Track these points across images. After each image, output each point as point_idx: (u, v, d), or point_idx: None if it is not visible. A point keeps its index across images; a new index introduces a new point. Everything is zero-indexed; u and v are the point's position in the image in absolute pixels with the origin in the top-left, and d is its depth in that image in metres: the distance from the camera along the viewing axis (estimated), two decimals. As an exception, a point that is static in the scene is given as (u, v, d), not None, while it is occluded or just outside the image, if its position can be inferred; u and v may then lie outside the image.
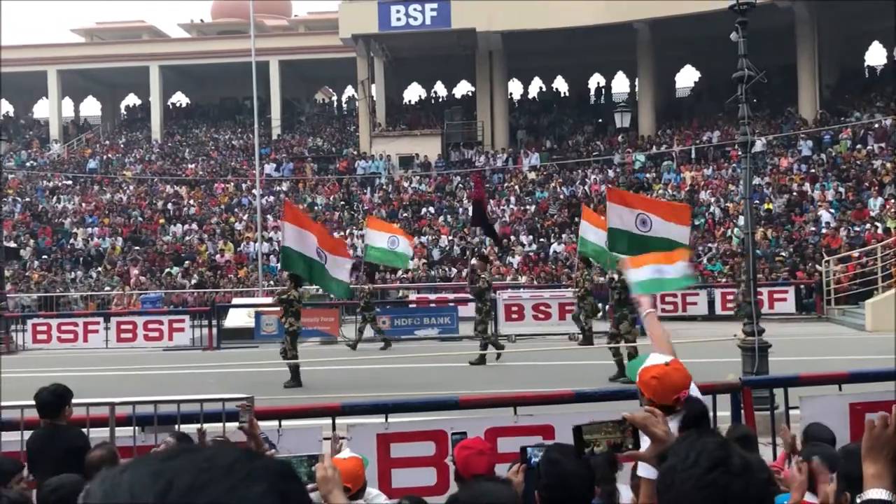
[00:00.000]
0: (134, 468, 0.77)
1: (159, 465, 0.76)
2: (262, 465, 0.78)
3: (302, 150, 36.89)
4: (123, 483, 0.75)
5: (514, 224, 29.13)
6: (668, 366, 2.91)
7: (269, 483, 0.76)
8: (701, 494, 1.42)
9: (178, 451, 0.79)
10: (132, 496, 0.73)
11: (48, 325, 20.05)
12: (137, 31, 43.94)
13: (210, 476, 0.75)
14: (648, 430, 2.21)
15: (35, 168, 37.53)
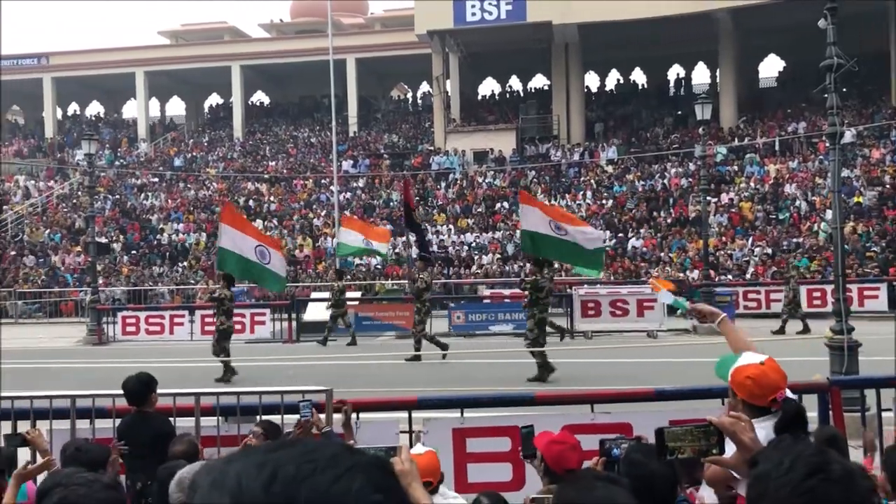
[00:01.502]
0: (239, 459, 0.79)
1: (263, 457, 0.78)
2: (362, 459, 0.80)
3: (378, 146, 37.30)
4: (230, 473, 0.77)
5: (591, 219, 28.76)
6: (764, 365, 2.81)
7: (368, 476, 0.78)
8: (798, 502, 1.36)
9: (281, 443, 0.81)
10: (239, 485, 0.75)
11: (137, 318, 20.85)
12: (220, 32, 45.18)
13: (313, 467, 0.77)
14: (736, 436, 2.14)
15: (124, 166, 39.05)
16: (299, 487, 0.75)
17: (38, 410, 5.98)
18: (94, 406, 5.94)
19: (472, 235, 28.61)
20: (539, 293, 11.89)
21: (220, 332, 13.48)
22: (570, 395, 6.65)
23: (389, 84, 46.26)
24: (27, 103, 47.60)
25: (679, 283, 22.64)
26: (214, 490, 0.76)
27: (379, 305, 20.91)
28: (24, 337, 22.11)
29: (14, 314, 26.82)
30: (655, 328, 17.76)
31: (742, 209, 27.40)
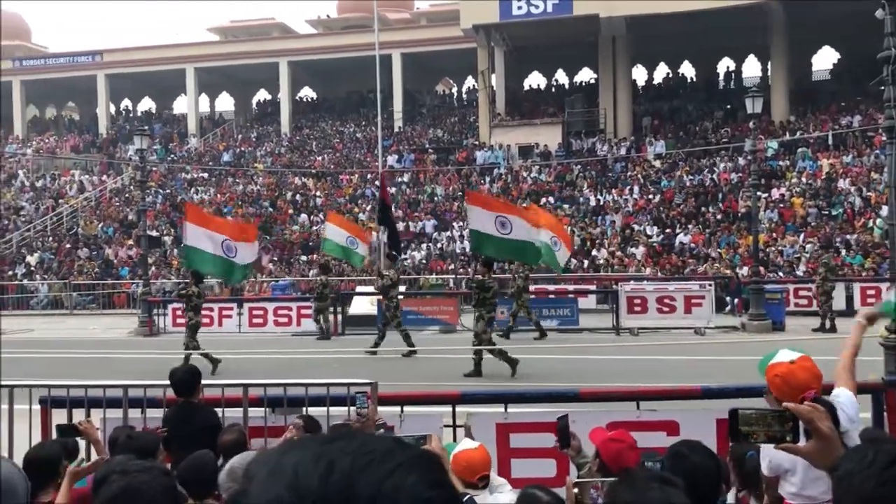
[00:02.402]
0: (295, 450, 0.80)
1: (319, 449, 0.80)
2: (415, 453, 0.82)
3: (423, 141, 37.39)
4: (287, 464, 0.78)
5: (638, 214, 28.45)
6: (794, 364, 2.76)
7: (422, 470, 0.79)
8: (883, 491, 1.38)
9: (336, 436, 0.82)
10: (296, 476, 0.77)
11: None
12: (268, 28, 45.74)
13: (369, 460, 0.78)
14: (814, 424, 2.11)
15: (175, 161, 39.81)
16: (355, 479, 0.76)
17: (92, 399, 6.15)
18: (146, 396, 6.08)
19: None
20: (486, 293, 12.19)
21: (189, 327, 13.95)
22: (615, 391, 6.59)
23: (435, 79, 46.32)
24: (82, 99, 48.85)
25: (728, 279, 22.28)
26: (271, 480, 0.77)
27: (423, 300, 20.97)
28: (78, 328, 22.72)
29: (69, 305, 27.56)
30: (703, 325, 17.51)
31: (793, 205, 26.82)
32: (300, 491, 0.76)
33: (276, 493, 0.77)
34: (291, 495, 0.76)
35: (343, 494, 0.76)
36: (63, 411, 6.18)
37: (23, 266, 31.24)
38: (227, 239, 13.75)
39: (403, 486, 0.77)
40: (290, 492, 0.77)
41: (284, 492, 0.77)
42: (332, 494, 0.76)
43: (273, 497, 0.77)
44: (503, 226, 12.13)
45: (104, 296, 28.13)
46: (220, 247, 13.63)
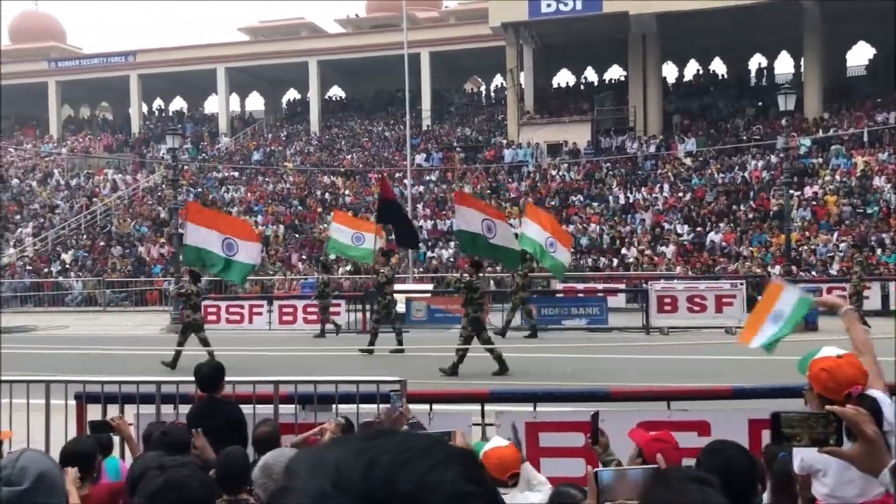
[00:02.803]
0: (336, 447, 0.82)
1: (360, 445, 0.81)
2: (454, 451, 0.83)
3: (451, 139, 37.40)
4: (329, 459, 0.80)
5: (668, 212, 28.22)
6: (841, 359, 2.73)
7: (461, 466, 0.81)
8: None
9: (377, 432, 0.84)
10: (338, 471, 0.78)
11: (217, 307, 21.45)
12: (297, 28, 46.03)
13: (409, 456, 0.79)
14: (859, 427, 2.08)
15: (206, 160, 40.23)
16: (396, 474, 0.78)
17: (126, 395, 6.24)
18: (178, 392, 6.16)
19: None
20: (473, 293, 12.34)
21: (186, 324, 14.11)
22: (646, 391, 6.55)
23: (463, 77, 46.30)
24: (115, 99, 49.56)
25: (759, 278, 22.02)
26: (314, 475, 0.79)
27: (451, 298, 20.96)
28: (111, 324, 23.07)
29: (102, 302, 27.98)
30: (734, 324, 17.30)
31: (827, 203, 26.42)
32: (342, 485, 0.78)
33: (318, 488, 0.78)
34: (334, 489, 0.78)
35: (384, 489, 0.77)
36: (98, 406, 6.29)
37: (58, 263, 31.78)
38: (228, 237, 13.73)
39: (443, 482, 0.78)
40: (333, 486, 0.78)
41: (327, 486, 0.78)
42: (374, 489, 0.77)
43: (316, 491, 0.78)
44: (489, 230, 12.37)
45: (137, 293, 28.52)
46: (221, 245, 13.67)
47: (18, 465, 2.23)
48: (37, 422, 6.09)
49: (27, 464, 2.24)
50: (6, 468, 2.23)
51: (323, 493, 0.78)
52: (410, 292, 20.78)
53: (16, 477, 2.20)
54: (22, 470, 2.22)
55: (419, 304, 19.76)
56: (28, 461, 2.26)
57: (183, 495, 2.36)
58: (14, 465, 2.23)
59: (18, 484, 2.19)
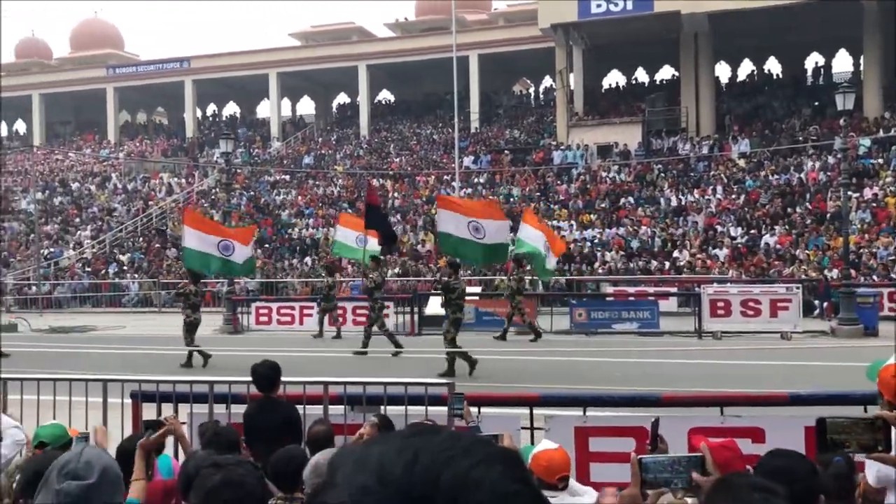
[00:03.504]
0: (380, 443, 0.82)
1: (403, 442, 0.81)
2: (497, 449, 0.82)
3: (499, 142, 37.34)
4: (372, 456, 0.80)
5: (721, 214, 27.71)
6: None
7: (506, 465, 0.80)
8: None
9: (418, 430, 0.84)
10: (381, 466, 0.78)
11: (269, 309, 21.75)
12: (348, 32, 46.47)
13: (452, 454, 0.79)
14: None
15: (258, 164, 40.87)
16: (440, 471, 0.78)
17: (180, 394, 6.37)
18: (231, 392, 6.25)
19: (595, 231, 28.16)
20: (451, 294, 12.48)
21: (187, 324, 14.52)
22: (699, 396, 6.42)
23: (512, 79, 46.19)
24: (171, 105, 50.70)
25: (816, 282, 21.48)
26: (357, 470, 0.79)
27: (499, 301, 20.92)
28: (166, 325, 23.51)
29: (158, 303, 28.60)
30: (790, 329, 16.93)
31: (888, 205, 25.63)
32: (385, 480, 0.78)
33: (361, 482, 0.78)
34: (377, 484, 0.78)
35: (428, 484, 0.77)
36: (153, 405, 6.42)
37: (115, 265, 32.60)
38: (223, 239, 14.90)
39: (487, 479, 0.78)
40: (376, 481, 0.78)
41: (370, 481, 0.78)
42: (417, 484, 0.77)
43: (359, 486, 0.78)
44: (477, 231, 12.38)
45: (191, 294, 29.00)
46: (216, 247, 14.76)
47: (83, 459, 2.25)
48: (94, 419, 6.24)
49: (91, 458, 2.26)
50: (71, 462, 2.24)
51: (365, 489, 0.78)
52: (459, 295, 20.76)
53: (82, 471, 2.22)
54: (87, 464, 2.23)
55: (467, 307, 19.71)
56: (91, 456, 2.28)
57: (239, 493, 2.39)
58: (79, 460, 2.24)
59: (85, 478, 2.20)
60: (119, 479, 2.33)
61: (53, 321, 24.40)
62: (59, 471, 2.20)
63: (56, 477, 2.19)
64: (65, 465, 2.22)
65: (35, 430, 4.80)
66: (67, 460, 2.24)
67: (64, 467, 2.21)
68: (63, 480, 2.19)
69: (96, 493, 2.17)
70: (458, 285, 12.65)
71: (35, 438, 4.49)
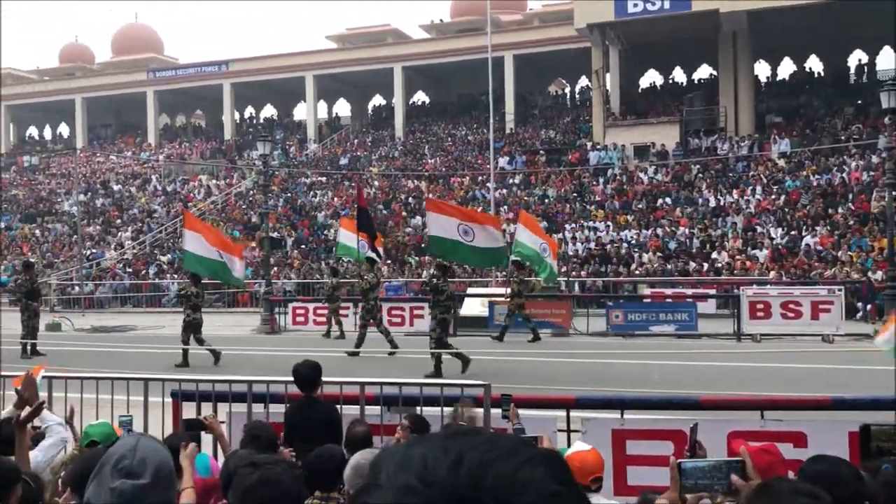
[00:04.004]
0: (422, 444, 0.82)
1: (446, 442, 0.81)
2: (540, 451, 0.82)
3: (534, 142, 37.21)
4: (415, 457, 0.80)
5: (761, 215, 27.30)
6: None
7: (549, 466, 0.80)
8: None
9: (460, 430, 0.84)
10: (425, 467, 0.78)
11: (306, 309, 21.93)
12: (383, 34, 46.69)
13: (496, 455, 0.79)
14: None
15: (295, 166, 41.24)
16: (484, 472, 0.77)
17: (219, 394, 6.44)
18: (269, 391, 6.31)
19: (632, 232, 27.92)
20: (439, 296, 12.68)
21: (187, 323, 14.84)
22: (738, 400, 6.33)
23: (547, 80, 46.00)
24: (209, 107, 51.38)
25: (859, 284, 21.06)
26: (400, 471, 0.79)
27: (535, 302, 20.84)
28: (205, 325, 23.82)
29: (197, 303, 28.97)
30: (832, 332, 16.61)
31: (934, 205, 25.04)
32: (429, 481, 0.77)
33: (405, 483, 0.78)
34: (421, 485, 0.77)
35: (472, 486, 0.76)
36: (192, 404, 6.51)
37: (155, 265, 33.13)
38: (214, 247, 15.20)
39: (532, 480, 0.78)
40: (420, 481, 0.78)
41: (414, 482, 0.78)
42: (461, 486, 0.77)
43: (402, 486, 0.78)
44: (466, 233, 12.70)
45: (229, 295, 29.41)
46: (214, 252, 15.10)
47: (138, 456, 2.18)
48: (135, 417, 6.35)
49: (146, 455, 2.19)
50: (126, 458, 2.17)
51: (409, 489, 0.77)
52: (494, 296, 20.74)
53: (137, 469, 2.15)
54: (142, 462, 2.17)
55: (502, 309, 19.66)
56: (146, 451, 2.21)
57: (275, 492, 2.40)
58: (134, 456, 2.17)
59: (139, 477, 2.14)
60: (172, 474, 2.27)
61: (95, 321, 24.87)
62: (113, 466, 2.14)
63: (110, 472, 2.13)
64: (119, 460, 2.16)
65: (85, 428, 4.90)
66: (122, 455, 2.17)
67: (118, 462, 2.15)
68: (117, 478, 2.13)
69: (151, 492, 2.13)
70: (445, 287, 12.90)
71: (85, 437, 4.57)
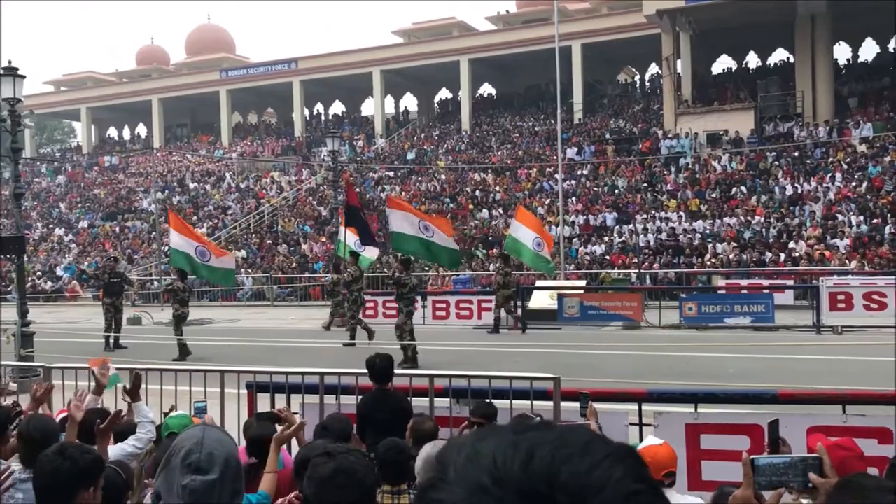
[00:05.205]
0: (491, 437, 0.79)
1: (517, 437, 0.77)
2: (617, 448, 0.78)
3: (603, 132, 36.70)
4: (484, 451, 0.77)
5: (841, 203, 26.32)
6: None
7: (627, 464, 0.76)
8: None
9: (530, 425, 0.80)
10: (495, 463, 0.75)
11: (375, 302, 22.12)
12: (449, 27, 46.71)
13: (569, 452, 0.75)
14: None
15: (363, 161, 41.69)
16: (558, 470, 0.73)
17: (292, 385, 6.57)
18: (340, 383, 6.40)
19: (706, 223, 27.28)
20: (403, 289, 13.40)
21: (176, 317, 15.39)
22: (818, 394, 6.11)
23: (616, 68, 45.30)
24: (280, 105, 52.37)
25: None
26: (470, 466, 0.75)
27: (605, 295, 20.60)
28: (278, 318, 24.37)
29: (270, 297, 29.64)
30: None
31: None
32: (501, 477, 0.74)
33: (475, 480, 0.75)
34: (492, 482, 0.74)
35: (546, 484, 0.73)
36: (266, 395, 6.66)
37: (230, 261, 33.97)
38: (199, 245, 16.07)
39: (610, 479, 0.74)
40: (491, 478, 0.74)
41: (485, 478, 0.74)
42: (535, 483, 0.73)
43: (472, 483, 0.75)
44: (426, 229, 13.33)
45: (301, 288, 29.97)
46: (195, 251, 15.93)
47: (205, 449, 2.16)
48: (212, 408, 6.52)
49: (213, 448, 2.17)
50: (193, 453, 2.15)
51: (481, 487, 0.74)
52: (562, 289, 20.57)
53: (205, 464, 2.14)
54: (210, 456, 2.15)
55: (572, 301, 19.52)
56: (213, 444, 2.19)
57: (351, 481, 2.41)
58: (201, 450, 2.15)
59: (207, 472, 2.12)
60: (240, 467, 2.27)
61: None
62: (181, 460, 2.15)
63: (179, 468, 2.14)
64: (187, 455, 2.16)
65: (165, 420, 5.07)
66: (189, 450, 2.17)
67: (186, 457, 2.15)
68: (187, 473, 2.13)
69: (220, 487, 2.13)
70: (408, 280, 13.56)
71: (165, 428, 4.73)
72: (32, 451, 3.40)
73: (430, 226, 13.68)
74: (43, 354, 12.13)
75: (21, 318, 13.43)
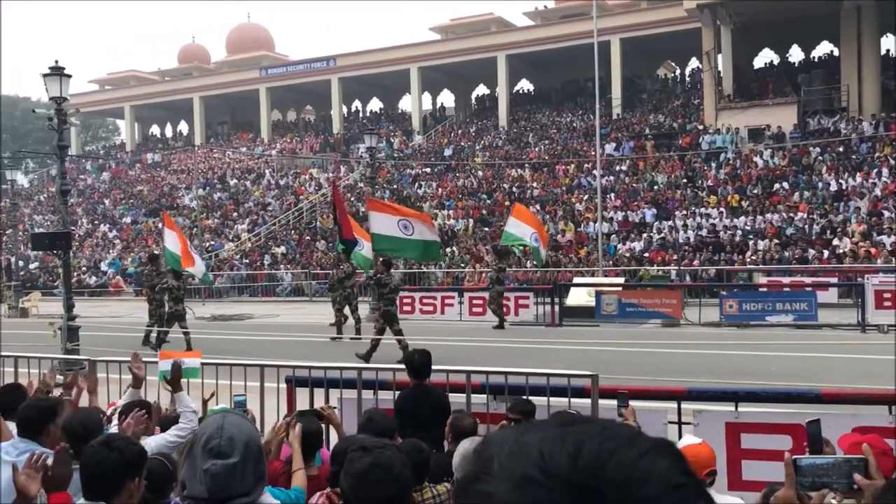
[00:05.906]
0: (534, 431, 0.79)
1: (561, 430, 0.77)
2: (660, 441, 0.78)
3: (642, 127, 36.33)
4: (529, 444, 0.77)
5: (888, 199, 25.71)
6: None
7: (671, 457, 0.76)
8: None
9: (574, 419, 0.80)
10: (542, 456, 0.75)
11: (412, 298, 22.22)
12: (486, 23, 46.61)
13: (615, 445, 0.75)
14: None
15: (401, 158, 41.82)
16: (606, 462, 0.74)
17: (330, 380, 6.62)
18: (378, 378, 6.45)
19: (747, 219, 26.86)
20: (383, 288, 13.80)
21: (171, 314, 15.76)
22: (863, 394, 5.99)
23: (655, 63, 44.80)
24: (318, 103, 52.78)
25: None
26: (516, 461, 0.75)
27: (643, 292, 20.39)
28: (317, 313, 24.57)
29: (309, 293, 29.91)
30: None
31: None
32: (549, 471, 0.74)
33: (522, 473, 0.74)
34: (541, 475, 0.74)
35: (594, 476, 0.73)
36: (306, 390, 6.73)
37: (269, 257, 34.37)
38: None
39: (655, 471, 0.74)
40: (539, 471, 0.74)
41: (534, 471, 0.74)
42: (584, 476, 0.73)
43: (520, 477, 0.74)
44: (406, 228, 13.54)
45: (338, 285, 30.12)
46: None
47: (226, 434, 2.20)
48: (252, 402, 6.61)
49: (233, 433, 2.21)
50: (214, 438, 2.20)
51: (528, 479, 0.74)
52: (601, 286, 20.43)
53: (225, 448, 2.19)
54: (230, 441, 2.20)
55: (610, 298, 19.37)
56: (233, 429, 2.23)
57: (388, 475, 2.44)
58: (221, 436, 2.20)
59: (228, 456, 2.18)
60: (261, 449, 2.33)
61: (215, 309, 26.03)
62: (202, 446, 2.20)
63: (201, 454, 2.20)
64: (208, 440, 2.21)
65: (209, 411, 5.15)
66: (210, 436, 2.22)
67: (207, 443, 2.21)
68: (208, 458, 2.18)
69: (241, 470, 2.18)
70: (388, 280, 13.89)
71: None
72: (74, 444, 3.49)
73: (409, 223, 13.81)
74: (88, 347, 12.41)
75: (67, 312, 13.75)
